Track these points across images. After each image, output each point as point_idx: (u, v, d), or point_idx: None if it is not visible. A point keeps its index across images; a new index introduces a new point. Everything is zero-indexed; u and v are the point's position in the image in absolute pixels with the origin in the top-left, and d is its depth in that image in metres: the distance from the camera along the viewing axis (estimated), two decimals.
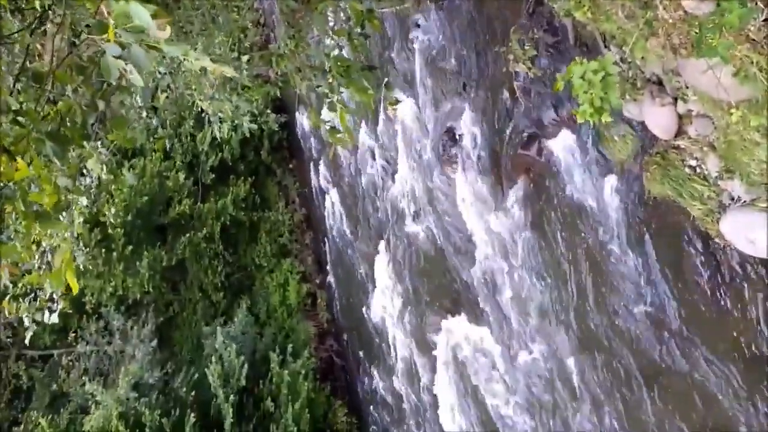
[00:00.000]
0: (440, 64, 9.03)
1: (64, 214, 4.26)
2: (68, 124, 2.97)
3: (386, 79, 9.81)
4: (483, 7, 8.03)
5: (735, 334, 5.24)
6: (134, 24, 2.09)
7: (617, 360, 6.49)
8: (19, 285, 4.77)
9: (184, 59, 2.41)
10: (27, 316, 4.76)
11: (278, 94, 7.19)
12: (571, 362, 7.16)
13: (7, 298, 4.66)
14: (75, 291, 2.97)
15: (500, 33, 7.51)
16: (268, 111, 14.12)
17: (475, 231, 8.69)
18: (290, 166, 16.98)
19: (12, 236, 3.37)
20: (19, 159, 2.57)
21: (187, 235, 14.79)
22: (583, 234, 6.77)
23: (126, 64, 2.11)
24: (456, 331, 9.57)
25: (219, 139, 14.19)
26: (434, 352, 10.21)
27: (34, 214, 2.88)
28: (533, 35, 6.86)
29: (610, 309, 6.54)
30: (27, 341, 5.49)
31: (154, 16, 2.20)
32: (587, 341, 6.88)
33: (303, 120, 15.33)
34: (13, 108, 2.95)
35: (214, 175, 15.65)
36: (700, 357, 5.58)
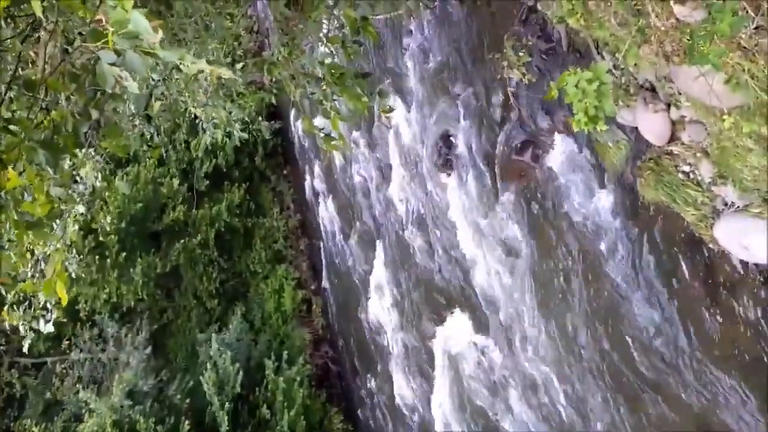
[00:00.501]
0: (434, 70, 9.05)
1: (57, 222, 4.24)
2: (61, 132, 2.96)
3: (380, 87, 9.82)
4: (476, 14, 8.06)
5: (730, 338, 5.25)
6: (128, 30, 2.08)
7: (614, 365, 6.49)
8: (13, 293, 4.74)
9: (180, 64, 2.40)
10: (23, 324, 4.73)
11: (273, 101, 7.18)
12: (569, 367, 7.16)
13: (5, 307, 4.63)
14: (64, 302, 2.95)
15: (494, 39, 7.54)
16: (260, 119, 14.13)
17: (469, 236, 8.70)
18: (285, 172, 16.98)
19: (6, 246, 3.35)
20: (10, 168, 2.55)
21: (182, 241, 14.76)
22: (576, 238, 6.78)
23: (121, 71, 2.10)
24: (452, 338, 9.55)
25: (213, 146, 14.19)
26: (431, 359, 10.20)
27: (25, 223, 2.86)
28: (527, 42, 6.89)
29: (604, 313, 6.54)
30: (25, 349, 5.45)
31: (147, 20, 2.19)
32: (583, 346, 6.87)
33: (297, 126, 15.33)
34: (5, 116, 2.93)
35: (208, 182, 15.65)
36: (695, 361, 5.58)
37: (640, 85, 5.42)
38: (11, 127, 2.89)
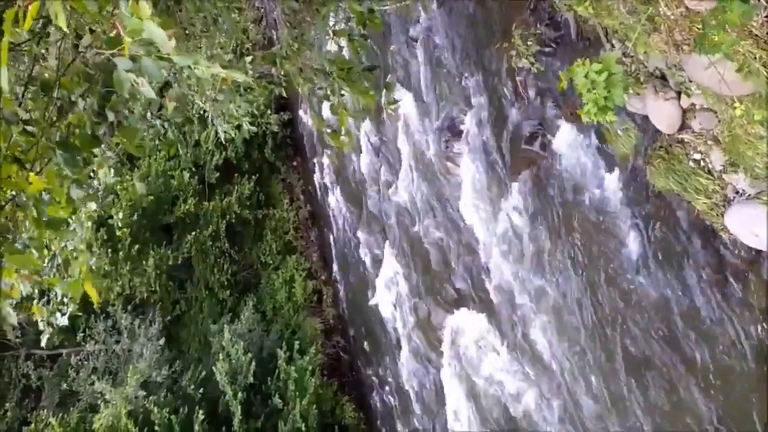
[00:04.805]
0: (442, 60, 9.03)
1: (73, 217, 4.30)
2: (77, 132, 3.00)
3: (387, 79, 9.81)
4: (484, 3, 8.02)
5: (740, 327, 5.26)
6: (143, 37, 2.11)
7: (622, 353, 6.52)
8: (32, 288, 4.82)
9: (194, 68, 2.42)
10: (42, 320, 4.82)
11: (282, 93, 7.20)
12: (576, 356, 7.19)
13: (34, 302, 4.73)
14: (95, 301, 3.00)
15: (502, 28, 7.51)
16: (270, 111, 14.11)
17: (478, 227, 8.71)
18: (294, 163, 17.01)
19: (27, 243, 3.41)
20: (32, 173, 2.59)
21: (193, 233, 14.86)
22: (586, 227, 6.79)
23: (137, 77, 2.13)
24: (462, 327, 9.60)
25: (223, 139, 14.22)
26: (441, 348, 10.25)
27: (45, 222, 2.91)
28: (535, 30, 6.86)
29: (614, 301, 6.56)
30: (43, 344, 5.57)
31: (162, 28, 2.21)
32: (591, 334, 6.90)
33: (306, 118, 15.35)
34: (23, 118, 2.97)
35: (218, 174, 15.71)
36: (703, 350, 5.60)
37: (650, 73, 5.40)
38: (28, 128, 2.93)
